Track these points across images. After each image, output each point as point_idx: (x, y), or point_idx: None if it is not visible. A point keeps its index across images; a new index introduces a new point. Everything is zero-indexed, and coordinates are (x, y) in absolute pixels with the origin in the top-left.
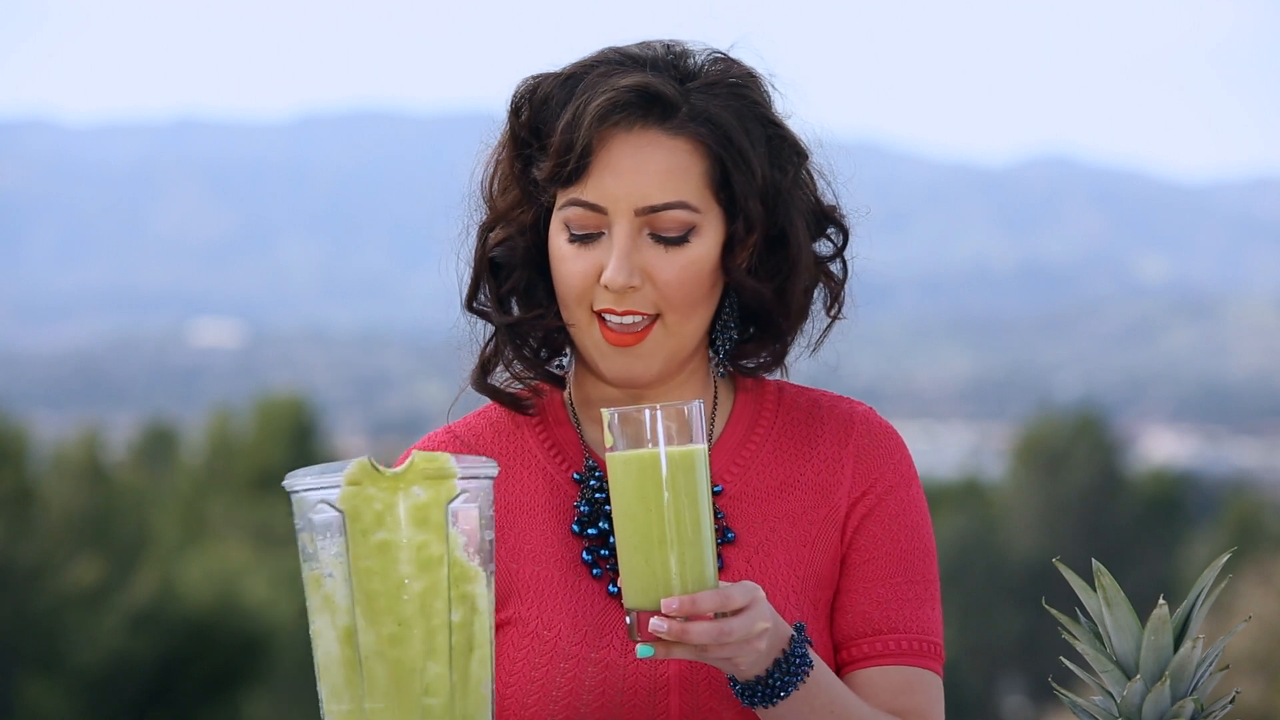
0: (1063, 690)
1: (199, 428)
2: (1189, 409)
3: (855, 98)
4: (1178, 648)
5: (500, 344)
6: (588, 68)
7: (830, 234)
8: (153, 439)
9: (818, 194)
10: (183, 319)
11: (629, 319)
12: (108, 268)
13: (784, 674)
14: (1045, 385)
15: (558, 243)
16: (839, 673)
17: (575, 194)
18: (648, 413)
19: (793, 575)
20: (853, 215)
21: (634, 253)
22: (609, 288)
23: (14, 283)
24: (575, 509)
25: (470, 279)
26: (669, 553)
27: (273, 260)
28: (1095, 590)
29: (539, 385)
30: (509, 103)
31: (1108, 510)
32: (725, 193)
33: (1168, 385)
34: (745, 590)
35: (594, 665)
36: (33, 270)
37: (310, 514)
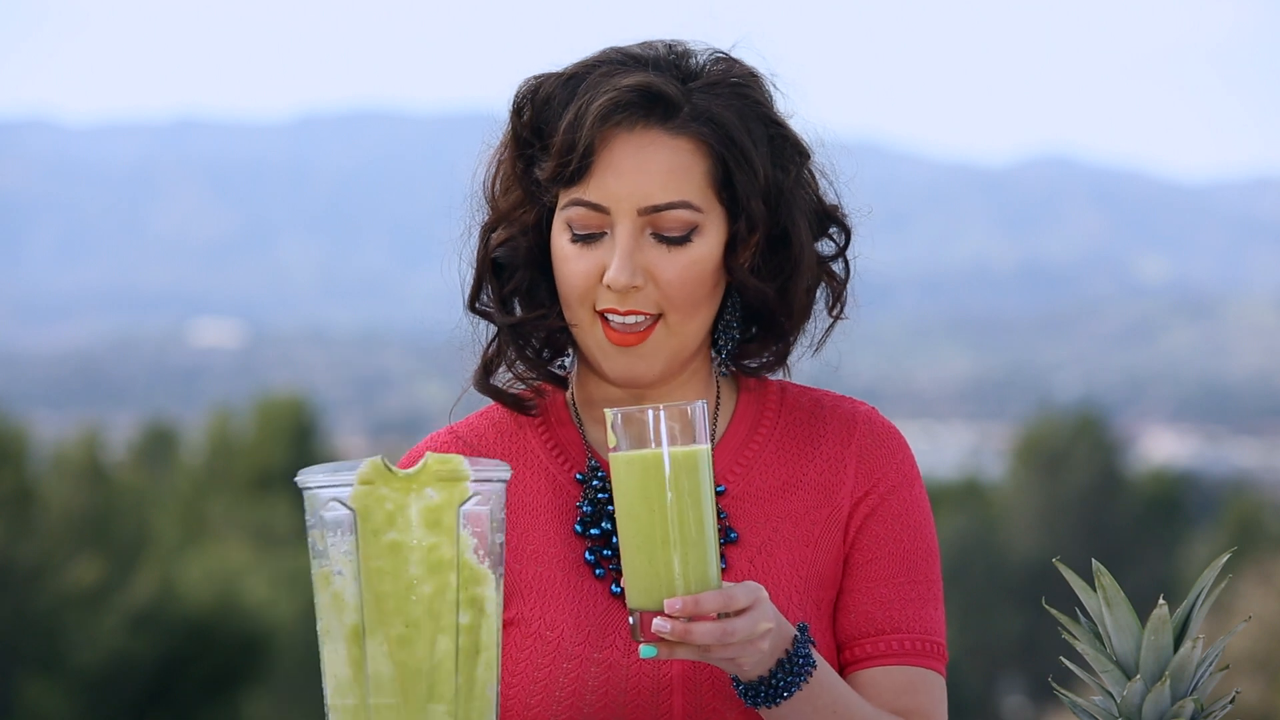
0: (1063, 690)
1: (199, 428)
2: (1189, 409)
3: (856, 98)
4: (1178, 648)
5: (503, 344)
6: (590, 68)
7: (832, 233)
8: (153, 439)
9: (820, 193)
10: (183, 319)
11: (631, 319)
12: (108, 268)
13: (787, 674)
14: (1045, 385)
15: (560, 243)
16: (842, 673)
17: (577, 194)
18: (651, 413)
19: (795, 575)
20: (853, 215)
21: (636, 252)
22: (611, 287)
23: (14, 283)
24: (578, 509)
25: (473, 279)
26: (672, 553)
27: (273, 260)
28: (1095, 590)
29: (541, 386)
30: (511, 103)
31: (1108, 510)
32: (727, 192)
33: (1168, 385)
34: (748, 590)
35: (597, 666)
36: (33, 270)
37: (321, 511)
